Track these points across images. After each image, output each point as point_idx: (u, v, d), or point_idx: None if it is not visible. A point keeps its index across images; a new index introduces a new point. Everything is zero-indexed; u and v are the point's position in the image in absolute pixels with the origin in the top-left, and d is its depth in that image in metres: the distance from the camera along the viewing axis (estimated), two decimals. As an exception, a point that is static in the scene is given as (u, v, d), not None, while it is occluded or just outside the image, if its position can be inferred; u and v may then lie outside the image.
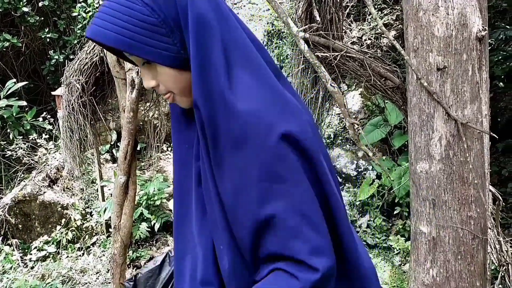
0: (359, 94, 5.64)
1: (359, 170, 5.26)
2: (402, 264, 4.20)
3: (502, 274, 2.33)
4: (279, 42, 4.75)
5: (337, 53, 2.02)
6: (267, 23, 4.79)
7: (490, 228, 1.96)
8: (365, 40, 5.09)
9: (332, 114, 5.01)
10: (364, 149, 2.08)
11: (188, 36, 0.74)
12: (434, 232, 1.61)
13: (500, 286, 2.70)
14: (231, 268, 0.79)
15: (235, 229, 0.77)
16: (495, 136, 1.57)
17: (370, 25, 5.09)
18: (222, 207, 0.78)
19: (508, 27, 3.94)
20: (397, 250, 4.34)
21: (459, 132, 1.48)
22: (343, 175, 5.36)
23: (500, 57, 4.15)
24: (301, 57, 2.28)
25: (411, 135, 1.64)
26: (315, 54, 2.02)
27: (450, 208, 1.56)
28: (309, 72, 2.34)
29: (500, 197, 2.32)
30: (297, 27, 2.08)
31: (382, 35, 4.82)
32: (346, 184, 5.35)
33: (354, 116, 4.79)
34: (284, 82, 0.85)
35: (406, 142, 4.96)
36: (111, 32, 0.71)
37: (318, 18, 2.09)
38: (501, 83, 5.16)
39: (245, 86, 0.75)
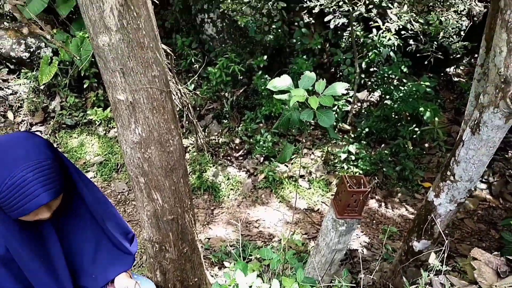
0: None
1: (31, 50, 4.65)
2: (107, 132, 4.43)
3: (186, 113, 2.94)
4: None
5: None
6: None
7: (170, 81, 2.34)
8: None
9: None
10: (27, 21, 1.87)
11: None
12: (130, 97, 1.79)
13: (187, 122, 3.41)
14: None
15: None
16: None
17: None
18: None
19: None
20: (98, 122, 4.47)
21: (126, 1, 1.57)
22: (14, 60, 4.64)
23: None
24: None
25: (83, 9, 1.60)
26: None
27: (138, 73, 1.74)
28: None
29: (170, 51, 2.73)
30: None
31: None
32: (22, 70, 4.71)
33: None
34: None
35: (73, 9, 4.65)
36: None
37: None
38: None
39: None
